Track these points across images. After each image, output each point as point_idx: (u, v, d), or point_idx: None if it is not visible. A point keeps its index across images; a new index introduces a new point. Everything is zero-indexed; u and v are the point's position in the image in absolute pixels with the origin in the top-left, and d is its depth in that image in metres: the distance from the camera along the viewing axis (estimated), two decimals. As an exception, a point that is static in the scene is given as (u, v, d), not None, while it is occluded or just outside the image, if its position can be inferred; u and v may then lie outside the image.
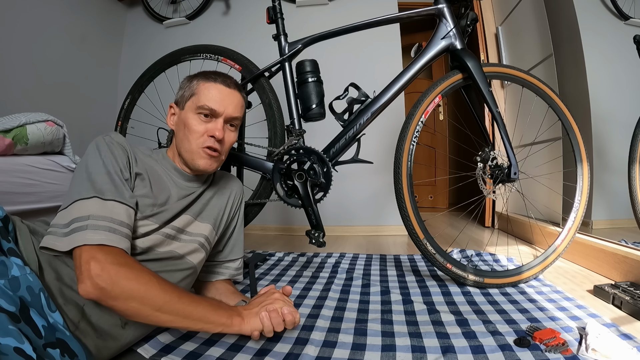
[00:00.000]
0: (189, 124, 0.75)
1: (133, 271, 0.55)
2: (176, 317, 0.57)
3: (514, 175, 1.04)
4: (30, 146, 1.10)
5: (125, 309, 0.54)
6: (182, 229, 0.75)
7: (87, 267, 0.52)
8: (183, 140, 0.76)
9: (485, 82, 1.06)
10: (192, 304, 0.59)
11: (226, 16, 2.25)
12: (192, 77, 0.80)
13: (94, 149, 0.66)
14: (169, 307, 0.56)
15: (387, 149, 1.75)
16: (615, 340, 0.66)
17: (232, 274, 0.92)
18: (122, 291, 0.53)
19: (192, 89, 0.77)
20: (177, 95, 0.80)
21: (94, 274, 0.52)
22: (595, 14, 1.47)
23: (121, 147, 0.68)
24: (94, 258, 0.53)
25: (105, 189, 0.61)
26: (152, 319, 0.56)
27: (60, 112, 1.32)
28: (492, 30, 2.16)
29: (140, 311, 0.55)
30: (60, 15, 1.94)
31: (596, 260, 1.22)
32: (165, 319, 0.57)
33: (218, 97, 0.75)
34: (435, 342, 0.71)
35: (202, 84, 0.77)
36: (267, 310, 0.67)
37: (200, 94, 0.75)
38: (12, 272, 0.50)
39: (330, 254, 1.46)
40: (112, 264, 0.54)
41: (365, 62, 2.04)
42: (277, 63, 1.15)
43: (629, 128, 1.33)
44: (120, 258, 0.56)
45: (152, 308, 0.55)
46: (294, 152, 1.09)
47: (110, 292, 0.52)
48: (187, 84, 0.79)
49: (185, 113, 0.76)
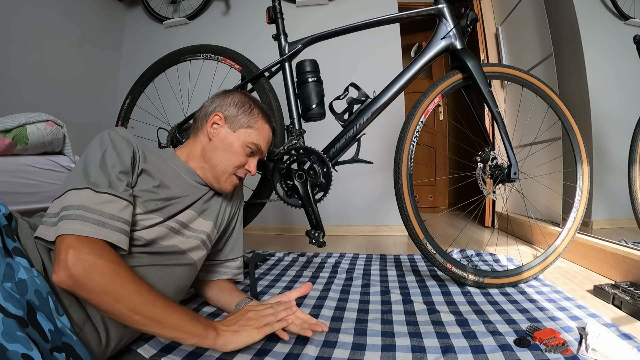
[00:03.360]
0: (236, 150, 0.80)
1: (110, 266, 0.54)
2: (149, 320, 0.55)
3: (514, 175, 1.04)
4: (30, 146, 1.10)
5: (99, 304, 0.53)
6: (186, 224, 0.76)
7: (64, 256, 0.51)
8: (222, 156, 0.79)
9: (485, 82, 1.06)
10: (167, 309, 0.57)
11: (226, 16, 2.25)
12: (254, 105, 0.84)
13: (97, 142, 0.66)
14: (142, 309, 0.54)
15: (387, 149, 1.75)
16: (615, 340, 0.66)
17: (233, 273, 0.92)
18: (95, 285, 0.51)
19: (251, 121, 0.82)
20: (230, 110, 0.82)
21: (69, 263, 0.51)
22: (595, 14, 1.47)
23: (126, 142, 0.68)
24: (72, 247, 0.52)
25: (100, 182, 0.60)
26: (125, 319, 0.54)
27: (60, 112, 1.32)
28: (492, 30, 2.16)
29: (113, 308, 0.53)
30: (60, 15, 1.94)
31: (596, 260, 1.22)
32: (139, 320, 0.54)
33: (267, 140, 0.84)
34: (435, 342, 0.71)
35: (261, 122, 0.83)
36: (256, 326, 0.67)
37: (259, 133, 0.82)
38: (19, 275, 0.49)
39: (330, 254, 1.46)
40: (89, 255, 0.52)
41: (365, 62, 2.04)
42: (277, 63, 1.15)
43: (629, 128, 1.33)
44: (100, 250, 0.54)
45: (125, 307, 0.53)
46: (294, 152, 1.09)
47: (83, 284, 0.51)
48: (247, 109, 0.82)
49: (235, 137, 0.80)
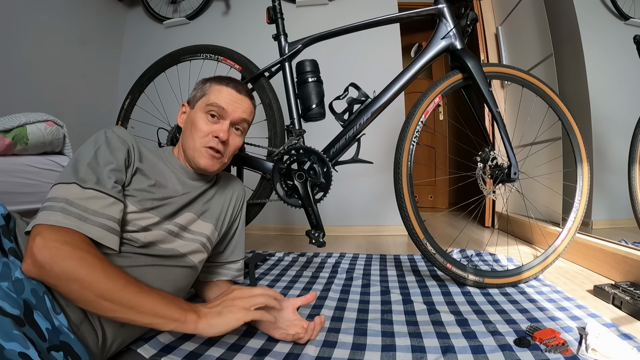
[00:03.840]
0: (196, 122, 0.77)
1: (77, 252, 0.52)
2: (119, 306, 0.52)
3: (514, 175, 1.04)
4: (30, 146, 1.10)
5: (68, 292, 0.51)
6: (185, 226, 0.75)
7: (30, 244, 0.51)
8: (188, 137, 0.78)
9: (485, 82, 1.06)
10: (139, 294, 0.53)
11: (226, 16, 2.25)
12: (207, 80, 0.83)
13: (92, 140, 0.67)
14: (111, 295, 0.51)
15: (387, 149, 1.75)
16: (615, 340, 0.66)
17: (233, 275, 0.91)
18: (61, 271, 0.50)
19: (205, 90, 0.80)
20: (190, 94, 0.84)
21: (35, 250, 0.50)
22: (595, 14, 1.47)
23: (121, 141, 0.69)
24: (40, 234, 0.52)
25: (88, 178, 0.60)
26: (95, 306, 0.52)
27: (60, 112, 1.32)
28: (492, 30, 2.16)
29: (81, 295, 0.51)
30: (60, 15, 1.94)
31: (596, 260, 1.22)
32: (109, 307, 0.51)
33: (228, 99, 0.78)
34: (435, 342, 0.71)
35: (214, 86, 0.80)
36: (242, 305, 0.62)
37: (211, 94, 0.79)
38: (15, 274, 0.49)
39: (330, 254, 1.46)
40: (56, 242, 0.51)
41: (365, 62, 2.04)
42: (277, 63, 1.15)
43: (629, 128, 1.33)
44: (69, 237, 0.53)
45: (93, 293, 0.50)
46: (294, 152, 1.09)
47: (49, 271, 0.50)
48: (201, 85, 0.82)
49: (194, 112, 0.79)
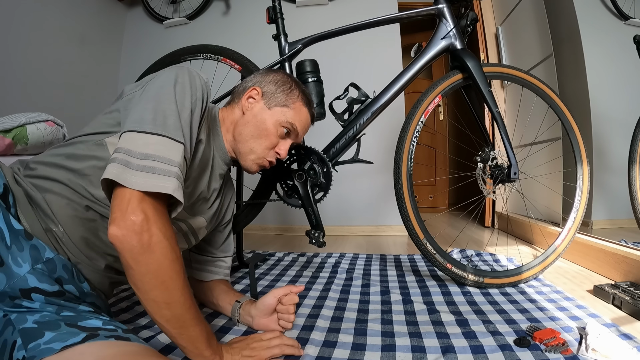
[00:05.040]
0: (269, 129, 0.73)
1: (174, 252, 0.51)
2: (173, 319, 0.52)
3: (514, 175, 1.04)
4: (30, 146, 1.10)
5: (138, 279, 0.49)
6: (196, 230, 0.75)
7: (134, 217, 0.47)
8: (252, 136, 0.73)
9: (485, 82, 1.06)
10: (194, 319, 0.54)
11: (226, 16, 2.25)
12: (295, 86, 0.79)
13: (183, 82, 0.60)
14: (176, 307, 0.51)
15: (387, 149, 1.75)
16: (615, 340, 0.66)
17: (225, 273, 0.91)
18: (152, 261, 0.48)
19: (290, 99, 0.76)
20: (269, 87, 0.76)
21: (138, 228, 0.47)
22: (595, 14, 1.47)
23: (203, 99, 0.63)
24: (144, 212, 0.48)
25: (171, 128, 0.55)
26: (153, 307, 0.51)
27: (60, 112, 1.32)
28: (492, 30, 2.16)
29: (150, 292, 0.49)
30: (60, 15, 1.94)
31: (596, 260, 1.22)
32: (165, 315, 0.51)
33: (304, 124, 0.79)
34: (435, 342, 0.71)
35: (299, 104, 0.77)
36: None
37: (295, 113, 0.76)
38: (46, 255, 0.51)
39: (330, 254, 1.46)
40: (160, 230, 0.49)
41: (365, 62, 2.04)
42: (277, 63, 1.15)
43: (629, 128, 1.33)
44: (170, 232, 0.51)
45: (163, 297, 0.50)
46: (294, 152, 1.09)
47: (137, 255, 0.47)
48: (287, 88, 0.77)
49: (269, 114, 0.74)
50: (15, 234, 0.50)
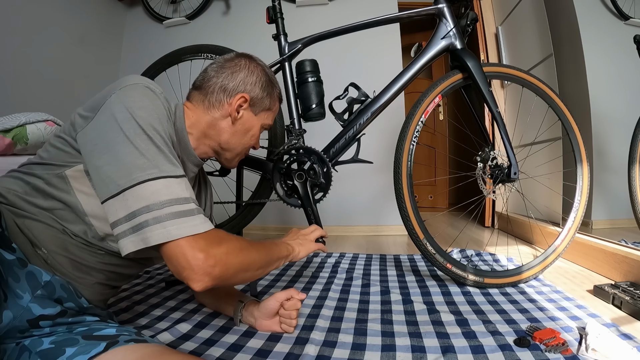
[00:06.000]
0: (254, 134, 0.78)
1: (232, 243, 0.57)
2: (268, 267, 0.66)
3: (514, 175, 1.04)
4: (30, 146, 1.10)
5: (235, 282, 0.60)
6: None
7: (196, 262, 0.50)
8: (240, 142, 0.75)
9: (485, 82, 1.06)
10: (270, 250, 0.68)
11: (226, 16, 2.25)
12: (275, 82, 0.79)
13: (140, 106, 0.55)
14: (262, 263, 0.63)
15: (387, 149, 1.75)
16: (615, 340, 0.66)
17: None
18: (235, 269, 0.56)
19: (272, 101, 0.78)
20: (255, 91, 0.74)
21: (208, 269, 0.51)
22: (595, 14, 1.47)
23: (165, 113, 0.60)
24: (199, 248, 0.51)
25: (169, 169, 0.54)
26: (251, 278, 0.62)
27: (60, 112, 1.32)
28: (492, 30, 2.16)
29: (247, 278, 0.61)
30: (60, 15, 1.94)
31: (596, 260, 1.22)
32: (261, 273, 0.64)
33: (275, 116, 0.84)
34: (435, 342, 0.71)
35: (278, 104, 0.82)
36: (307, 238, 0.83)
37: (275, 112, 0.81)
38: (43, 278, 0.50)
39: (330, 254, 1.46)
40: (215, 248, 0.53)
41: (365, 62, 2.04)
42: (277, 63, 1.15)
43: (629, 128, 1.33)
44: (215, 236, 0.55)
45: (255, 269, 0.61)
46: (293, 152, 1.09)
47: (224, 276, 0.54)
48: (271, 90, 0.77)
49: (256, 120, 0.76)
50: (9, 265, 0.47)
